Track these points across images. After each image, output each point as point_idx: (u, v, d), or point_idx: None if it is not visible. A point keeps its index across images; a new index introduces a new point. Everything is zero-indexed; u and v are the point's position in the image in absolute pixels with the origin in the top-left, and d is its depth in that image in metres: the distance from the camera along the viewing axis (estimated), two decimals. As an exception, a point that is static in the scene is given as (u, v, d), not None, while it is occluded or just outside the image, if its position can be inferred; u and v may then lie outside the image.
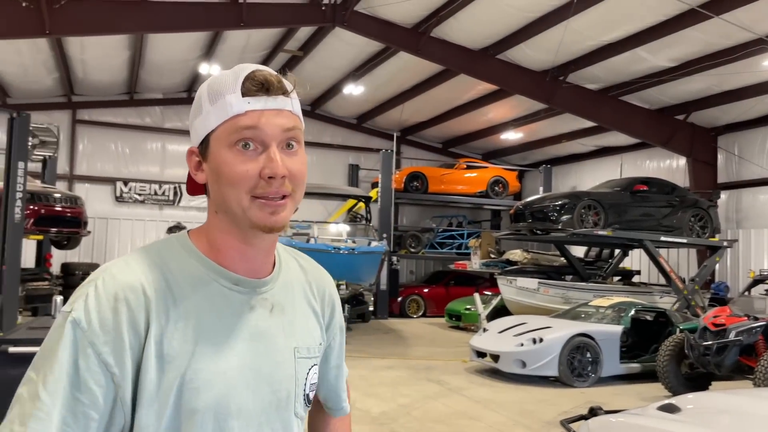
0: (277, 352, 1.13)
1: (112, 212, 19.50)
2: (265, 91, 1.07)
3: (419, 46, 13.76)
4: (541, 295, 13.11)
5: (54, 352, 0.98)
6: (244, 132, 1.05)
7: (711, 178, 15.78)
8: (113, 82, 18.15)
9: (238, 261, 1.12)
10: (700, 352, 8.20)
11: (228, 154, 1.06)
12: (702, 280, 13.23)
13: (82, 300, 1.02)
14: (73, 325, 1.00)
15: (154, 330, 1.02)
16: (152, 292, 1.04)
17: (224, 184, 1.06)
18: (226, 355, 1.06)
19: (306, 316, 1.22)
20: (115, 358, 0.99)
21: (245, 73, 1.08)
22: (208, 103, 1.08)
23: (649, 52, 12.86)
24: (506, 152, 21.86)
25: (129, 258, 1.09)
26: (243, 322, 1.10)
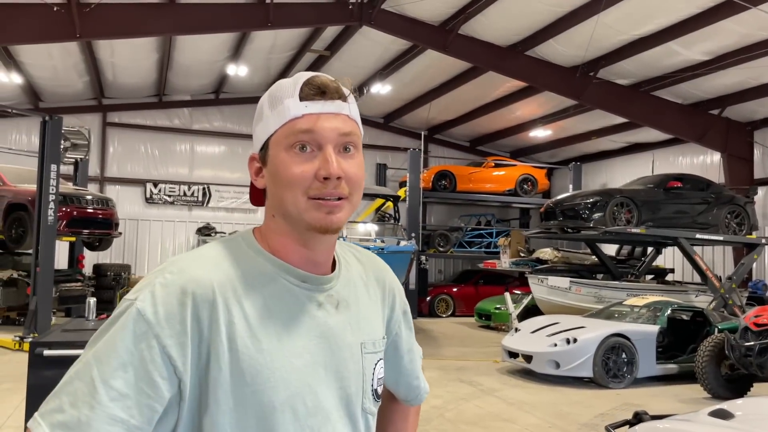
0: (345, 348, 1.12)
1: (142, 213, 19.71)
2: (321, 95, 1.09)
3: (447, 44, 13.63)
4: (573, 294, 12.89)
5: (115, 341, 0.97)
6: (300, 134, 1.07)
7: (747, 174, 15.38)
8: (142, 85, 18.35)
9: (303, 262, 1.13)
10: (742, 353, 7.95)
11: (285, 156, 1.08)
12: (739, 278, 12.89)
13: (148, 290, 1.01)
14: (138, 315, 0.98)
15: (223, 327, 1.01)
16: (220, 288, 1.03)
17: (281, 185, 1.08)
18: (299, 352, 1.06)
19: (369, 310, 1.21)
20: (178, 351, 0.98)
21: (303, 78, 1.11)
22: (268, 109, 1.11)
23: (682, 46, 12.56)
24: (535, 150, 21.60)
25: (197, 253, 1.09)
26: (312, 318, 1.10)
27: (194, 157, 20.45)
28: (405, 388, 1.39)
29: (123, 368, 0.96)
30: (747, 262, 13.10)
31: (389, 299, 1.29)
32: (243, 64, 16.65)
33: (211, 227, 19.87)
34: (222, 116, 20.63)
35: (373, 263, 1.30)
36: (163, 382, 0.97)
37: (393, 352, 1.31)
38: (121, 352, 0.97)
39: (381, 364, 1.20)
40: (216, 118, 20.59)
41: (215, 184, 20.47)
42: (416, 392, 1.40)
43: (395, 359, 1.32)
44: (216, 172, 20.58)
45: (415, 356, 1.38)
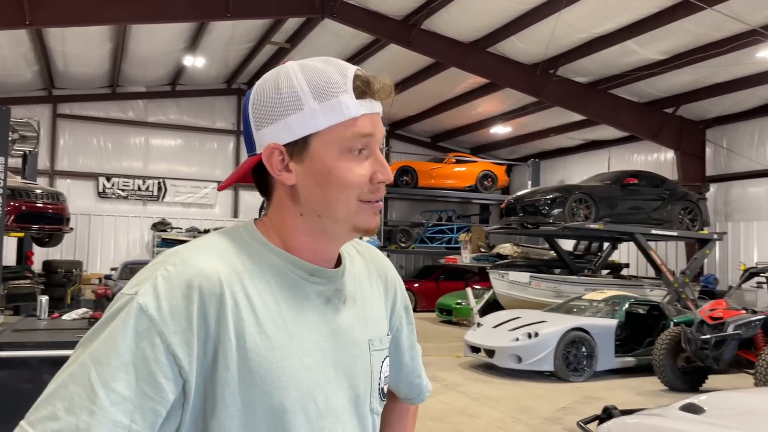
0: (354, 346, 1.07)
1: (95, 208, 19.12)
2: (370, 93, 1.03)
3: (410, 39, 13.59)
4: (533, 288, 13.03)
5: (115, 339, 0.89)
6: (362, 138, 1.01)
7: (699, 171, 15.81)
8: (95, 75, 17.77)
9: (315, 257, 1.07)
10: (698, 345, 8.14)
11: (340, 158, 1.01)
12: (692, 272, 13.24)
13: (150, 284, 0.93)
14: (140, 310, 0.90)
15: (231, 323, 0.94)
16: (227, 282, 0.96)
17: (333, 187, 1.01)
18: (309, 349, 1.00)
19: (374, 305, 1.16)
20: (184, 350, 0.91)
21: (352, 71, 1.03)
22: (312, 100, 1.00)
23: (639, 45, 12.80)
24: (495, 146, 21.78)
25: (199, 243, 1.01)
26: (321, 314, 1.04)
27: (149, 151, 19.93)
28: (406, 386, 1.33)
29: (124, 369, 0.88)
30: (699, 257, 13.46)
31: (391, 294, 1.24)
32: (200, 56, 16.30)
33: (167, 223, 19.42)
34: (178, 109, 20.16)
35: (374, 256, 1.24)
36: (167, 383, 0.90)
37: (394, 349, 1.26)
38: (123, 352, 0.89)
39: (387, 362, 1.15)
40: (172, 111, 20.10)
41: (171, 179, 19.99)
42: (418, 390, 1.35)
43: (397, 356, 1.27)
44: (172, 166, 20.10)
45: (416, 353, 1.33)
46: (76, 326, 4.76)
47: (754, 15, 10.71)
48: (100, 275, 16.88)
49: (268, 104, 1.03)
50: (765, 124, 14.74)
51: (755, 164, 14.77)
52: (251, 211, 19.97)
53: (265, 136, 1.03)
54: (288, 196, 1.05)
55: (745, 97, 13.89)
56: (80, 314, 5.18)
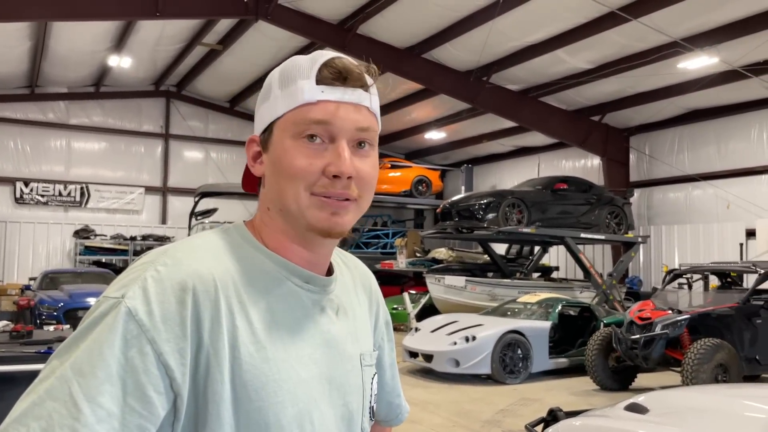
0: (347, 360, 1.01)
1: (12, 215, 18.10)
2: (342, 80, 0.95)
3: (345, 43, 13.52)
4: (468, 292, 13.19)
5: (101, 348, 0.80)
6: (312, 124, 0.93)
7: (624, 177, 16.45)
8: (12, 75, 16.83)
9: (301, 263, 0.99)
10: (628, 345, 8.41)
11: (291, 144, 0.94)
12: (619, 274, 13.74)
13: (138, 285, 0.84)
14: (129, 315, 0.81)
15: (225, 332, 0.86)
16: (222, 286, 0.88)
17: (283, 177, 0.94)
18: (305, 362, 0.94)
19: (363, 318, 1.10)
20: (177, 360, 0.82)
21: (324, 59, 0.97)
22: (277, 87, 0.97)
23: (568, 54, 13.20)
24: (429, 152, 22.00)
25: (192, 242, 0.93)
26: (316, 325, 0.97)
27: (71, 154, 19.03)
28: (386, 407, 1.25)
29: (111, 381, 0.79)
30: (626, 259, 13.98)
31: (374, 309, 1.17)
32: (126, 56, 15.72)
33: (91, 230, 18.59)
34: (103, 111, 19.35)
35: (359, 268, 1.17)
36: (157, 397, 0.81)
37: (376, 367, 1.17)
38: (109, 361, 0.79)
39: (376, 379, 1.09)
40: (96, 113, 19.28)
41: (95, 183, 19.16)
42: (397, 411, 1.27)
43: (378, 374, 1.18)
44: (96, 171, 19.27)
45: (396, 372, 1.26)
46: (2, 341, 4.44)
47: (675, 27, 11.22)
48: (18, 285, 15.93)
49: (258, 100, 1.02)
50: (684, 132, 15.49)
51: (675, 170, 15.49)
52: (180, 218, 19.37)
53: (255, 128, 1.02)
54: (262, 190, 1.01)
55: (665, 106, 14.56)
56: (0, 327, 4.83)
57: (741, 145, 14.29)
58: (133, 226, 19.44)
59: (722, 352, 7.70)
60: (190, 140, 20.51)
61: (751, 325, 8.40)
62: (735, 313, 8.37)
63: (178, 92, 20.15)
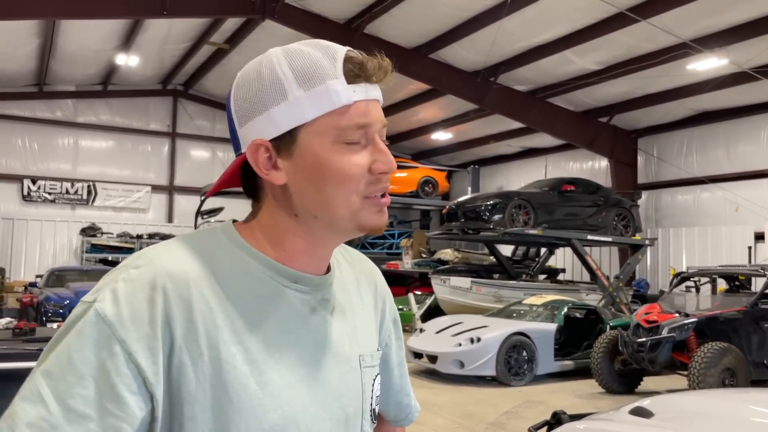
0: (344, 361, 0.97)
1: (19, 212, 18.20)
2: (366, 77, 0.91)
3: (352, 43, 13.07)
4: (473, 293, 13.14)
5: (70, 351, 0.80)
6: (356, 128, 0.89)
7: (631, 179, 16.35)
8: (20, 73, 16.93)
9: (305, 260, 0.96)
10: (634, 348, 8.33)
11: (332, 149, 0.89)
12: (626, 277, 13.64)
13: (109, 288, 0.83)
14: (98, 317, 0.81)
15: (202, 331, 0.84)
16: (197, 285, 0.85)
17: (329, 183, 0.90)
18: (292, 364, 0.90)
19: (364, 317, 1.06)
20: (148, 359, 0.81)
21: (342, 52, 0.91)
22: (296, 87, 0.88)
23: (576, 55, 13.13)
24: (436, 152, 21.95)
25: (170, 242, 0.91)
26: (306, 326, 0.94)
27: (78, 153, 19.12)
28: (395, 407, 1.21)
29: (81, 383, 0.78)
30: (633, 261, 13.89)
31: (380, 306, 1.13)
32: (134, 54, 15.75)
33: (97, 227, 18.66)
34: (110, 109, 19.42)
35: (364, 265, 1.13)
36: (132, 397, 0.79)
37: (383, 367, 1.14)
38: (78, 364, 0.79)
39: (378, 380, 1.05)
40: (103, 111, 19.35)
41: (102, 182, 19.24)
42: (407, 411, 1.23)
43: (385, 374, 1.15)
44: (103, 169, 19.34)
45: (405, 370, 1.22)
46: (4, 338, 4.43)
47: (685, 29, 11.13)
48: (25, 283, 16.00)
49: (250, 96, 0.91)
50: (693, 135, 15.38)
51: (683, 173, 15.39)
52: (186, 216, 19.39)
53: (249, 132, 0.92)
54: (279, 197, 0.94)
55: (674, 107, 14.45)
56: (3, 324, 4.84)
57: (750, 148, 14.17)
58: (140, 225, 19.50)
59: (729, 356, 7.63)
60: (197, 139, 20.56)
61: (759, 329, 8.32)
62: (743, 317, 8.30)
63: (186, 91, 20.20)
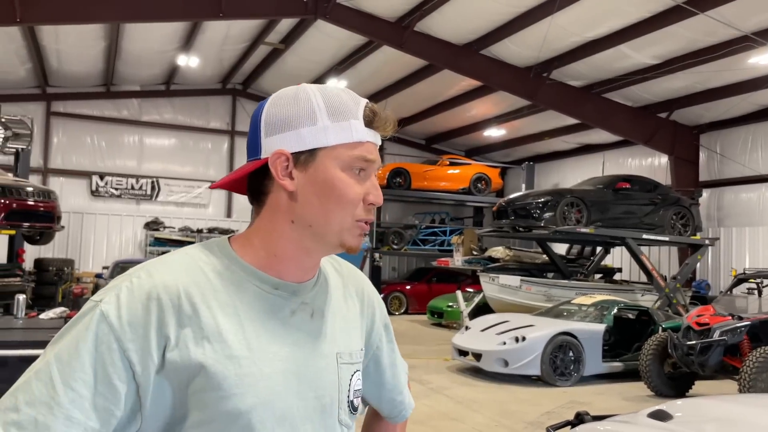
0: (321, 358, 1.12)
1: (88, 207, 19.07)
2: (376, 125, 1.11)
3: (402, 41, 13.56)
4: (523, 292, 13.01)
5: (77, 342, 0.97)
6: (364, 161, 1.09)
7: (693, 177, 15.80)
8: (89, 73, 17.73)
9: (291, 268, 1.12)
10: (684, 351, 8.12)
11: (343, 175, 1.08)
12: (684, 278, 13.21)
13: (114, 293, 1.01)
14: (102, 317, 0.98)
15: (191, 333, 1.01)
16: (187, 294, 1.02)
17: (332, 201, 1.08)
18: (269, 359, 1.05)
19: (346, 320, 1.20)
20: (139, 357, 0.98)
21: (363, 102, 1.12)
22: (327, 117, 1.08)
23: (632, 49, 12.78)
24: (489, 149, 21.76)
25: (167, 258, 1.08)
26: (285, 326, 1.09)
27: (143, 150, 19.89)
28: (388, 404, 1.36)
29: (83, 370, 0.95)
30: (691, 262, 13.44)
31: (369, 312, 1.28)
32: (194, 55, 16.27)
33: (160, 222, 19.39)
34: (173, 108, 20.13)
35: (352, 274, 1.29)
36: (121, 385, 0.97)
37: (375, 367, 1.30)
38: (83, 354, 0.96)
39: (358, 375, 1.19)
40: (166, 110, 20.07)
41: (164, 178, 19.96)
42: (399, 408, 1.38)
43: (377, 374, 1.31)
44: (165, 166, 20.06)
45: (398, 370, 1.36)
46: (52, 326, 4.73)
47: (745, 21, 10.69)
48: (92, 274, 16.83)
49: (284, 115, 1.09)
50: (758, 130, 14.73)
51: (747, 170, 14.76)
52: (244, 211, 19.95)
53: (273, 142, 1.09)
54: (283, 203, 1.10)
55: (737, 102, 13.88)
56: (57, 313, 5.16)
57: (820, 144, 13.47)
58: (200, 219, 20.16)
59: (784, 362, 7.33)
60: (255, 137, 21.02)
61: (818, 335, 7.95)
62: (801, 322, 7.95)
63: (244, 90, 20.71)
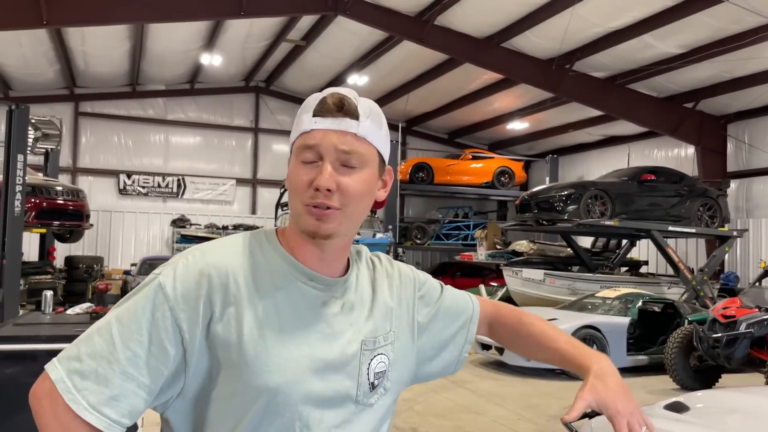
0: (345, 345, 1.21)
1: (116, 205, 19.45)
2: (331, 112, 1.17)
3: (423, 35, 13.55)
4: (547, 286, 12.94)
5: (137, 308, 1.09)
6: (305, 148, 1.17)
7: (720, 167, 15.53)
8: (115, 74, 18.05)
9: (314, 261, 1.21)
10: (710, 344, 8.02)
11: (294, 164, 1.18)
12: (711, 270, 13.01)
13: (171, 268, 1.13)
14: (159, 288, 1.10)
15: (233, 311, 1.12)
16: (234, 276, 1.14)
17: (291, 190, 1.19)
18: (298, 343, 1.15)
19: (374, 312, 1.28)
20: (188, 326, 1.10)
21: (325, 95, 1.19)
22: (298, 116, 1.22)
23: (656, 39, 12.61)
24: (513, 142, 21.64)
25: (221, 241, 1.21)
26: (315, 315, 1.19)
27: (169, 148, 20.19)
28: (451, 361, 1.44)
29: (139, 332, 1.08)
30: (719, 254, 13.23)
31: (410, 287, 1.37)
32: (217, 54, 16.45)
33: (186, 219, 19.67)
34: (197, 106, 20.39)
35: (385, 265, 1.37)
36: (171, 348, 1.09)
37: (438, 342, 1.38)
38: (140, 318, 1.08)
39: (379, 359, 1.26)
40: (191, 109, 20.34)
41: (190, 176, 20.24)
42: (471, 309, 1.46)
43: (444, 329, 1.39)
44: (191, 164, 20.35)
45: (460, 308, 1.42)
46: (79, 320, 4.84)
47: (772, 7, 10.48)
48: (120, 271, 17.16)
49: None
50: (788, 119, 14.44)
51: (777, 160, 14.48)
52: (269, 208, 20.10)
53: None
54: None
55: (765, 91, 13.60)
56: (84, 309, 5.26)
57: None
58: (226, 216, 20.41)
59: (811, 355, 7.21)
60: (279, 134, 21.24)
61: None
62: (829, 314, 7.79)
63: (267, 87, 20.89)
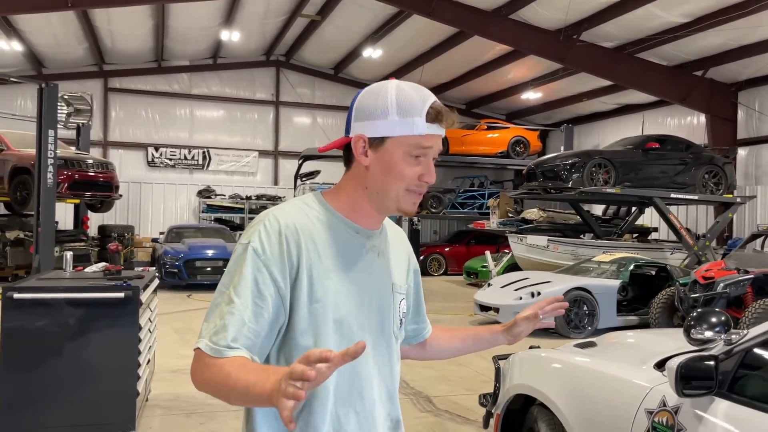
0: (382, 286, 1.52)
1: (145, 177, 20.33)
2: (440, 122, 1.43)
3: (431, 9, 13.86)
4: (551, 252, 13.33)
5: (240, 271, 1.36)
6: (421, 148, 1.42)
7: (730, 135, 15.61)
8: (141, 51, 18.76)
9: (365, 219, 1.50)
10: (689, 304, 8.44)
11: (401, 157, 1.42)
12: (714, 236, 13.23)
13: (257, 234, 1.39)
14: (254, 253, 1.37)
15: (304, 259, 1.39)
16: (301, 232, 1.40)
17: (391, 176, 1.43)
18: (352, 282, 1.44)
19: (397, 261, 1.61)
20: (280, 276, 1.37)
21: (429, 101, 1.43)
22: (396, 114, 1.41)
23: (661, 9, 12.73)
24: (529, 112, 21.83)
25: (284, 206, 1.47)
26: (361, 260, 1.48)
27: (194, 122, 20.94)
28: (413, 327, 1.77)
29: (249, 288, 1.34)
30: (722, 220, 13.41)
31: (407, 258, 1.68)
32: (236, 30, 16.98)
33: (211, 190, 20.48)
34: (220, 81, 21.04)
35: (399, 232, 1.69)
36: (270, 298, 1.36)
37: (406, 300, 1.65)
38: (247, 278, 1.35)
39: (404, 302, 1.60)
40: (214, 83, 21.01)
41: (215, 148, 21.00)
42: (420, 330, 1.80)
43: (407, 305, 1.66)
44: (215, 136, 21.09)
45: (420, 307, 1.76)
46: (94, 276, 5.49)
47: (770, -24, 10.57)
48: (149, 239, 18.08)
49: (367, 107, 1.44)
50: (798, 86, 14.43)
51: (787, 127, 14.52)
52: (290, 179, 20.73)
53: (358, 127, 1.44)
54: (361, 174, 1.46)
55: (774, 58, 13.64)
56: (99, 267, 5.93)
57: None
58: (249, 187, 21.18)
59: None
60: (299, 106, 21.81)
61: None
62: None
63: (287, 61, 21.40)
